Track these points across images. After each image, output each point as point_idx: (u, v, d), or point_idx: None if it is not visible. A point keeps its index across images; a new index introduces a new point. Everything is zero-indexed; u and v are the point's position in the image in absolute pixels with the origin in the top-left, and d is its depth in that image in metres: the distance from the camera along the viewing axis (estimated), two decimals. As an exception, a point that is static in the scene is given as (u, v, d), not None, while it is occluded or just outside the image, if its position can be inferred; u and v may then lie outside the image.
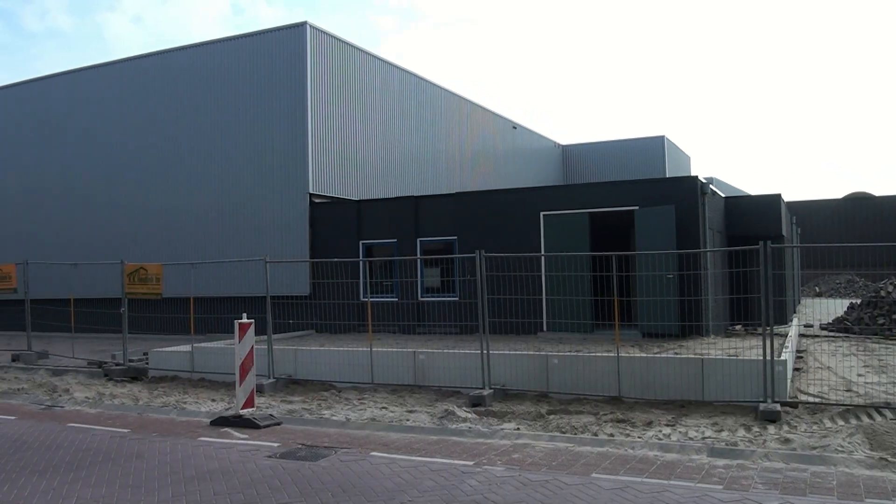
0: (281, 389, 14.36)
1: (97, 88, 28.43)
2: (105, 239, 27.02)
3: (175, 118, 26.22)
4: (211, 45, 25.89)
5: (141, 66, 27.42)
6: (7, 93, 31.30)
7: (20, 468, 8.98)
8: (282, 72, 23.96)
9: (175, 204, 25.88)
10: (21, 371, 18.41)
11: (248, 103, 24.59)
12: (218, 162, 25.07)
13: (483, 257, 13.08)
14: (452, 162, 32.10)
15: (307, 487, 7.71)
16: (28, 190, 29.82)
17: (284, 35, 24.14)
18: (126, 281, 17.75)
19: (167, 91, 26.53)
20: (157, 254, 23.96)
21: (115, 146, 27.57)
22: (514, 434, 10.00)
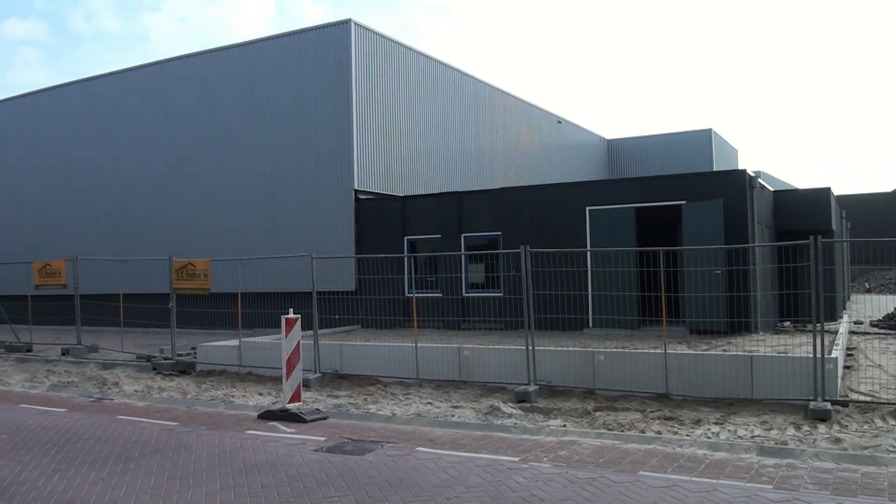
0: (327, 384, 14.45)
1: (145, 88, 28.84)
2: (154, 235, 27.42)
3: (221, 116, 26.50)
4: (256, 44, 26.12)
5: (187, 65, 27.76)
6: (57, 93, 31.90)
7: (70, 459, 9.17)
8: (327, 69, 24.09)
9: (222, 201, 26.17)
10: (71, 364, 18.77)
11: (293, 101, 24.77)
12: (264, 159, 25.29)
13: (528, 253, 13.03)
14: (496, 157, 32.04)
15: (353, 482, 7.75)
16: (78, 187, 30.37)
17: (329, 33, 24.27)
18: (174, 277, 17.99)
19: (213, 90, 26.82)
20: (205, 250, 24.24)
21: (164, 144, 27.97)
22: (561, 431, 9.96)
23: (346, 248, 23.05)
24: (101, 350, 20.35)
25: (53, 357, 19.97)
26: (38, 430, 11.10)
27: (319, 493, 7.39)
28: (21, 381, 16.62)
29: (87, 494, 7.65)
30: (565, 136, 39.95)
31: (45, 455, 9.42)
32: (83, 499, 7.51)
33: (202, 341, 18.39)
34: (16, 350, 21.44)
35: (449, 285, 20.85)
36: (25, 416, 12.37)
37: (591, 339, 16.26)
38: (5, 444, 10.18)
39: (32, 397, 14.58)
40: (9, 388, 15.90)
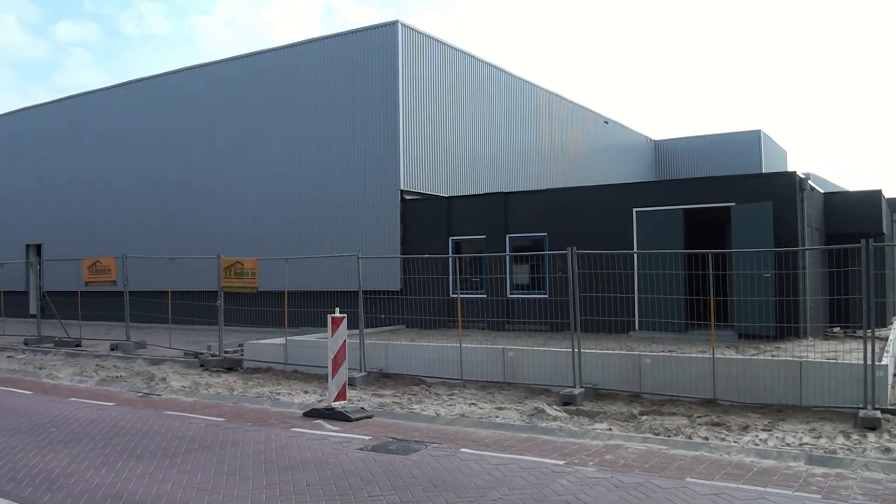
0: (372, 383, 14.51)
1: (193, 89, 29.22)
2: (202, 234, 27.76)
3: (269, 117, 26.73)
4: (304, 46, 26.30)
5: (234, 67, 28.07)
6: (107, 94, 32.46)
7: (118, 453, 9.30)
8: (373, 70, 24.19)
9: (269, 200, 26.40)
10: (120, 360, 19.05)
11: (340, 101, 24.90)
12: (311, 159, 25.47)
13: (575, 254, 12.95)
14: (542, 157, 31.91)
15: (398, 481, 7.76)
16: (128, 186, 30.86)
17: (376, 34, 24.36)
18: (222, 275, 18.18)
19: (261, 91, 27.07)
20: (253, 248, 24.50)
21: (211, 144, 28.30)
22: (606, 434, 9.88)
23: (391, 248, 23.13)
24: (150, 346, 20.64)
25: (102, 352, 20.28)
26: (87, 423, 11.29)
27: (364, 492, 7.40)
28: (70, 376, 16.90)
29: (134, 487, 7.76)
30: (612, 137, 39.68)
31: (93, 448, 9.58)
32: (130, 492, 7.61)
33: (249, 339, 18.57)
34: (65, 345, 21.81)
35: (493, 286, 20.80)
36: (74, 409, 12.58)
37: (636, 343, 16.11)
38: (54, 436, 10.37)
39: (81, 391, 14.83)
40: (58, 382, 16.18)
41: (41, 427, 11.06)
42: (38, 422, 11.49)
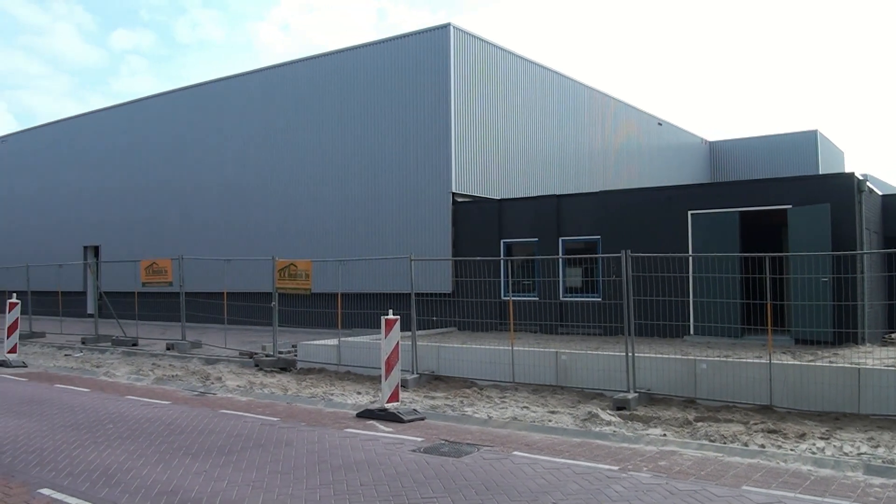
0: (424, 385, 14.53)
1: (248, 94, 29.59)
2: (257, 236, 28.08)
3: (322, 120, 26.93)
4: (356, 50, 26.45)
5: (288, 72, 28.35)
6: (163, 99, 33.04)
7: (174, 450, 9.44)
8: (425, 73, 24.25)
9: (323, 202, 26.59)
10: (175, 359, 19.33)
11: (392, 105, 25.00)
12: (364, 161, 25.59)
13: (629, 257, 12.83)
14: (595, 159, 31.70)
15: (451, 483, 7.75)
16: (184, 189, 31.35)
17: (428, 37, 24.41)
18: (277, 276, 18.35)
19: (314, 95, 27.29)
20: (307, 250, 24.71)
21: (266, 148, 28.61)
22: (661, 440, 9.75)
23: (443, 251, 23.14)
24: (205, 346, 20.92)
25: (158, 351, 20.62)
26: (143, 420, 11.47)
27: (417, 494, 7.41)
28: (127, 374, 17.21)
29: (189, 484, 7.86)
30: (666, 138, 39.27)
31: (149, 445, 9.72)
32: (186, 488, 7.71)
33: (302, 340, 18.72)
34: (122, 344, 22.21)
35: (546, 289, 20.70)
36: (131, 407, 12.79)
37: (691, 347, 15.91)
38: (111, 433, 10.55)
39: (138, 389, 15.07)
40: (115, 380, 16.48)
41: (99, 423, 11.27)
42: (95, 418, 11.70)
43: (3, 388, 15.39)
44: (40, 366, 19.19)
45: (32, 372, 18.00)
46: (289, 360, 17.56)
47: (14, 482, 8.09)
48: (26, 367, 18.82)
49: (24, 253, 35.91)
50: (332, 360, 16.73)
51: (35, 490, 7.77)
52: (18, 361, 19.05)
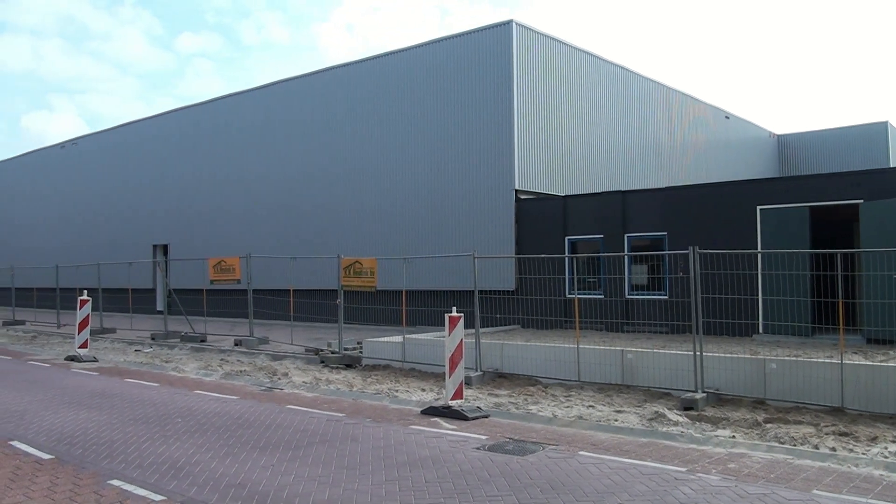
0: (488, 383, 14.49)
1: (312, 94, 29.89)
2: (322, 234, 28.36)
3: (385, 119, 27.07)
4: (419, 49, 26.52)
5: (352, 72, 28.54)
6: (229, 101, 33.58)
7: (241, 444, 9.57)
8: (488, 70, 24.19)
9: (387, 200, 26.73)
10: (243, 355, 19.60)
11: (455, 102, 25.00)
12: (426, 160, 25.66)
13: (697, 254, 12.61)
14: (661, 154, 31.30)
15: (515, 482, 7.70)
16: (250, 188, 31.80)
17: (490, 34, 24.35)
18: (342, 274, 18.49)
19: (377, 94, 27.44)
20: (371, 248, 24.86)
21: (331, 146, 28.86)
22: (729, 442, 9.55)
23: (506, 248, 23.07)
24: (272, 342, 21.17)
25: (226, 347, 20.93)
26: (212, 415, 11.65)
27: (482, 492, 7.38)
28: (196, 369, 17.51)
29: (257, 478, 7.96)
30: (733, 132, 38.55)
31: (217, 439, 9.88)
32: (253, 482, 7.81)
33: (367, 336, 18.86)
34: (191, 340, 22.60)
35: (611, 286, 20.49)
36: (199, 401, 13.01)
37: (760, 346, 15.59)
38: (180, 427, 10.74)
39: (206, 384, 15.33)
40: (184, 376, 16.78)
41: (168, 417, 11.49)
42: (164, 412, 11.93)
43: (75, 382, 15.79)
44: (111, 361, 19.65)
45: (103, 367, 18.43)
46: (354, 356, 17.67)
47: (84, 473, 8.29)
48: (97, 362, 19.29)
49: (95, 252, 36.87)
50: (397, 356, 16.80)
51: (105, 481, 7.96)
52: (89, 356, 19.54)
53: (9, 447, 9.63)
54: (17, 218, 48.20)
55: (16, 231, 48.11)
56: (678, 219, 20.24)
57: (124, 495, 7.47)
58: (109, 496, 7.46)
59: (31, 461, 8.89)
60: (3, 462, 8.87)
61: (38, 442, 9.88)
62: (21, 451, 9.38)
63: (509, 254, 22.70)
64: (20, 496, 7.50)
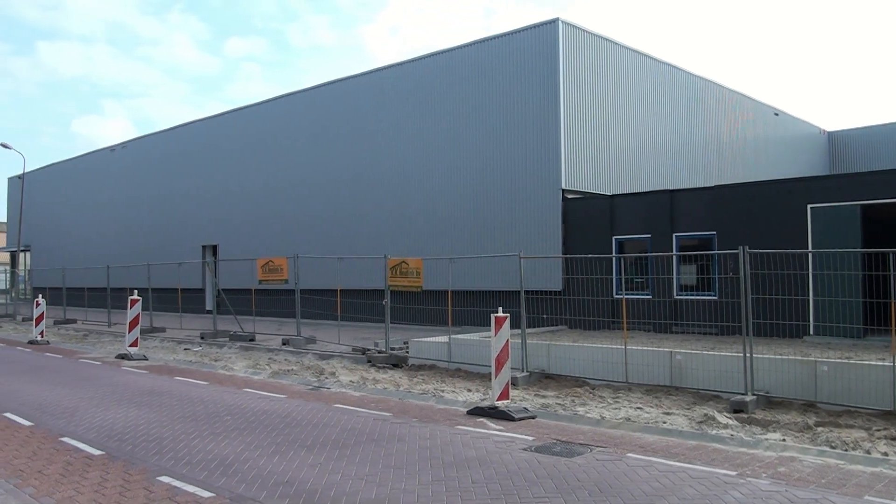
0: (534, 383, 14.44)
1: (357, 96, 30.08)
2: (368, 234, 28.50)
3: (430, 119, 27.12)
4: (464, 49, 26.52)
5: (398, 73, 28.66)
6: (276, 104, 33.90)
7: (289, 442, 9.65)
8: (533, 69, 24.12)
9: (432, 200, 26.78)
10: (291, 354, 19.77)
11: (500, 101, 24.96)
12: (472, 159, 25.65)
13: (747, 254, 12.43)
14: (709, 152, 30.95)
15: (563, 484, 7.66)
16: (297, 189, 32.08)
17: (536, 33, 24.28)
18: (388, 274, 18.57)
19: (422, 94, 27.51)
20: (417, 248, 24.91)
21: (375, 148, 29.00)
22: (780, 445, 9.40)
23: (552, 248, 22.98)
24: (319, 342, 21.31)
25: (274, 346, 21.13)
26: (260, 413, 11.76)
27: (529, 493, 7.35)
28: (244, 368, 17.70)
29: (304, 476, 8.01)
30: (782, 129, 37.98)
31: (265, 437, 9.97)
32: (301, 480, 7.86)
33: (413, 336, 18.90)
34: (240, 339, 22.84)
35: (659, 287, 20.29)
36: (248, 399, 13.14)
37: (811, 348, 15.33)
38: (229, 424, 10.87)
39: (255, 383, 15.47)
40: (233, 374, 16.97)
41: (216, 415, 11.63)
42: (213, 410, 12.08)
43: (125, 379, 16.05)
44: (160, 359, 19.94)
45: (153, 365, 18.71)
46: (400, 356, 17.72)
47: (134, 469, 8.43)
48: (147, 360, 19.59)
49: (146, 252, 37.46)
50: (443, 357, 16.81)
51: (154, 477, 8.08)
52: (140, 355, 19.85)
53: (60, 443, 9.84)
54: (69, 220, 49.18)
55: (67, 232, 49.09)
56: (727, 218, 19.99)
57: (174, 491, 7.57)
58: (159, 492, 7.56)
59: (82, 457, 9.06)
60: (54, 457, 9.06)
61: (88, 438, 10.08)
62: (72, 447, 9.58)
63: (556, 254, 22.60)
64: (71, 491, 7.65)
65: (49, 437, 10.24)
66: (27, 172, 47.70)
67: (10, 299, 45.23)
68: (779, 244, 16.46)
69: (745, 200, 20.01)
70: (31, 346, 24.23)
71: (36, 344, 24.51)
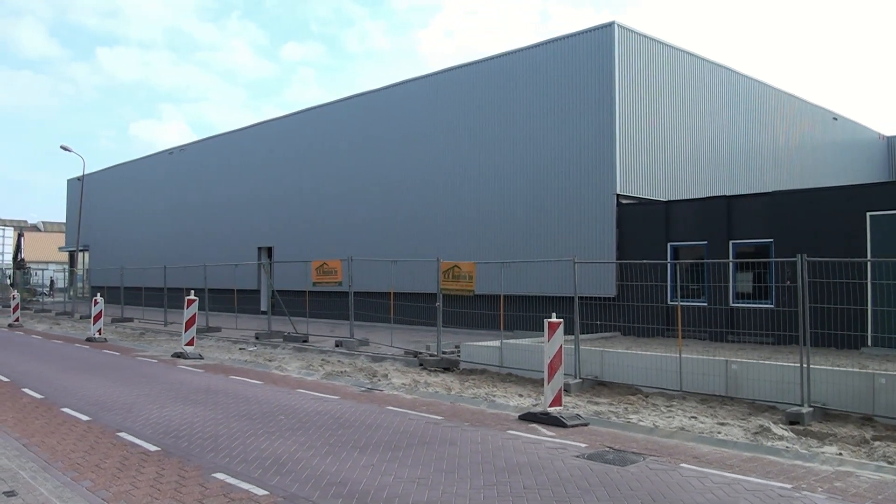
0: (587, 390, 14.37)
1: (410, 101, 30.21)
2: (421, 238, 28.58)
3: (483, 124, 27.12)
4: (519, 53, 26.48)
5: (452, 77, 28.71)
6: (331, 108, 34.22)
7: (342, 443, 9.74)
8: (589, 73, 23.99)
9: (485, 204, 26.77)
10: (343, 356, 19.93)
11: (554, 106, 24.87)
12: (526, 163, 25.59)
13: (805, 262, 12.23)
14: (766, 158, 30.49)
15: (616, 492, 7.62)
16: (351, 192, 32.31)
17: (591, 37, 24.14)
18: (441, 278, 18.63)
19: (476, 99, 27.51)
20: (469, 252, 24.93)
21: (429, 152, 29.09)
22: (836, 459, 9.23)
23: (606, 254, 22.82)
24: (372, 344, 21.45)
25: (327, 348, 21.31)
26: (314, 413, 11.90)
27: (581, 501, 7.32)
28: (298, 369, 17.89)
29: (357, 477, 8.09)
30: (840, 134, 37.22)
31: (318, 437, 10.09)
32: (354, 481, 7.93)
33: (465, 340, 18.92)
34: (293, 340, 23.09)
35: (715, 294, 20.03)
36: (301, 400, 13.29)
37: (869, 360, 15.02)
38: (283, 424, 11.01)
39: (308, 384, 15.64)
40: (287, 374, 17.17)
41: (271, 415, 11.79)
42: (267, 409, 12.24)
43: (181, 378, 16.33)
44: (216, 358, 20.24)
45: (208, 364, 19.01)
46: (452, 360, 17.76)
47: (189, 466, 8.59)
48: (202, 359, 19.90)
49: (202, 253, 38.07)
50: (495, 361, 16.81)
51: (209, 474, 8.22)
52: (195, 354, 20.17)
53: (116, 438, 10.06)
54: (127, 220, 50.17)
55: (125, 233, 50.09)
56: (785, 225, 19.68)
57: (228, 488, 7.70)
58: (214, 489, 7.69)
59: (138, 452, 9.26)
60: (110, 452, 9.26)
61: (144, 434, 10.29)
62: (128, 442, 9.79)
63: (609, 259, 22.44)
64: (127, 486, 7.82)
65: (106, 432, 10.48)
66: (86, 175, 48.76)
67: (69, 297, 46.28)
68: (837, 252, 16.16)
69: (803, 207, 19.69)
70: (88, 343, 24.76)
71: (93, 341, 25.03)
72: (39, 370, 17.47)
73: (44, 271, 62.76)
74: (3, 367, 17.92)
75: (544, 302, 17.30)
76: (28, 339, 26.82)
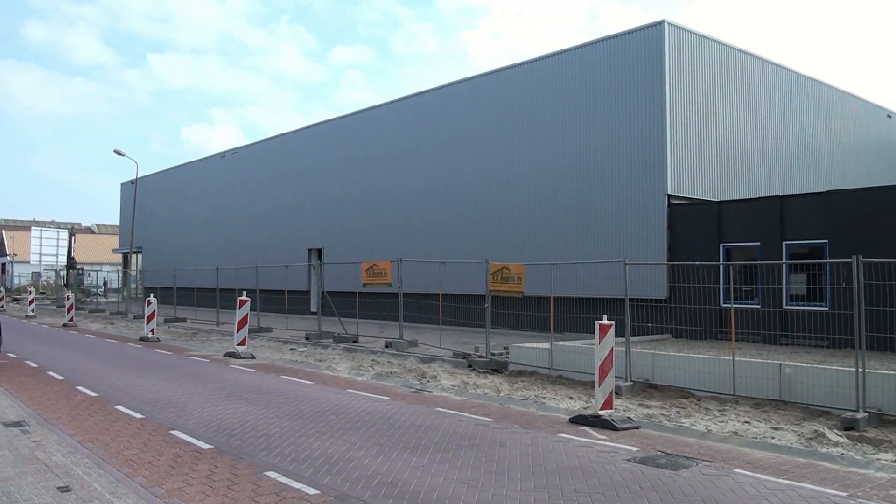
0: (638, 393, 14.26)
1: (459, 102, 30.21)
2: (470, 239, 28.58)
3: (532, 124, 27.04)
4: (568, 53, 26.34)
5: (501, 78, 28.65)
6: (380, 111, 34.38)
7: (392, 443, 9.82)
8: (638, 72, 23.79)
9: (535, 205, 26.69)
10: (393, 357, 20.03)
11: (604, 106, 24.71)
12: (575, 164, 25.46)
13: (861, 263, 11.98)
14: (820, 157, 29.95)
15: (668, 497, 7.56)
16: (400, 194, 32.45)
17: (641, 36, 23.94)
18: (490, 279, 18.62)
19: (525, 100, 27.43)
20: (519, 253, 24.86)
21: (477, 154, 29.07)
22: (892, 467, 9.02)
23: (657, 255, 22.61)
24: (421, 345, 21.53)
25: (377, 349, 21.44)
26: (364, 413, 11.99)
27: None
28: (348, 369, 18.02)
29: (408, 478, 8.15)
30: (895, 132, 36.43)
31: (369, 437, 10.17)
32: (404, 481, 7.99)
33: (514, 342, 18.91)
34: (343, 341, 23.26)
35: (768, 296, 19.71)
36: (352, 400, 13.40)
37: (927, 364, 14.68)
38: (334, 424, 11.13)
39: (358, 384, 15.76)
40: (337, 374, 17.32)
41: (321, 414, 11.91)
42: (318, 409, 12.37)
43: (233, 377, 16.56)
44: (267, 358, 20.48)
45: (260, 363, 19.24)
46: (501, 361, 17.74)
47: (242, 464, 8.73)
48: (254, 358, 20.15)
49: (253, 254, 38.53)
50: (544, 363, 16.76)
51: (261, 472, 8.35)
52: (247, 353, 20.43)
53: (169, 436, 10.25)
54: (180, 223, 50.94)
55: (178, 235, 50.86)
56: (839, 225, 19.31)
57: (280, 487, 7.80)
58: (266, 487, 7.80)
59: (191, 450, 9.42)
60: (163, 449, 9.44)
61: (197, 432, 10.47)
62: (181, 440, 9.97)
63: (661, 260, 22.22)
64: (180, 482, 7.96)
65: (159, 430, 10.68)
66: (139, 178, 49.60)
67: (123, 298, 47.13)
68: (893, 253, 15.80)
69: (858, 207, 19.30)
70: (141, 342, 25.21)
71: (147, 341, 25.48)
72: (93, 368, 17.84)
73: (97, 272, 63.99)
74: (57, 365, 18.33)
75: (594, 304, 17.20)
76: (82, 338, 27.40)
